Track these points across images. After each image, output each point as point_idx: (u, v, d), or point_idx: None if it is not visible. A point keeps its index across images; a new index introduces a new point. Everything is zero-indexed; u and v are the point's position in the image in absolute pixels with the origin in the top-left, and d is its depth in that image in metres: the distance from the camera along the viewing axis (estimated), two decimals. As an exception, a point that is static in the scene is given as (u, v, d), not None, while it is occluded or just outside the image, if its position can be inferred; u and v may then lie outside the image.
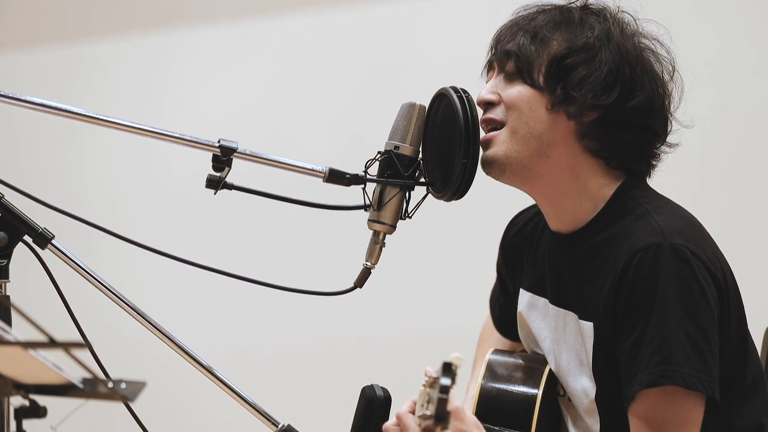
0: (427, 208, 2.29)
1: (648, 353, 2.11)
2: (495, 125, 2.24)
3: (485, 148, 2.24)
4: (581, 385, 2.26)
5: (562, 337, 2.29)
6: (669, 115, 2.28)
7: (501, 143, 2.23)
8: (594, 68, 2.21)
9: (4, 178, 2.17)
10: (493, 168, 2.24)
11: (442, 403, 1.70)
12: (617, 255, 2.17)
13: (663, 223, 2.16)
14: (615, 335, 2.18)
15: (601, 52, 2.22)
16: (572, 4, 2.29)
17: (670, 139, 2.30)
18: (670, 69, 2.28)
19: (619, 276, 2.16)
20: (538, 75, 2.22)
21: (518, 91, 2.23)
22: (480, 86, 2.30)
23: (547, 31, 2.24)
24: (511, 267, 2.49)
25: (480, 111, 2.25)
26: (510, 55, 2.24)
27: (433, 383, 1.79)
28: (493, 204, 3.19)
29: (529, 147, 2.22)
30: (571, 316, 2.27)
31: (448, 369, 1.70)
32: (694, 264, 2.13)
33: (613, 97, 2.20)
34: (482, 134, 2.24)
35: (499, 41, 2.29)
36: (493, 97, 2.25)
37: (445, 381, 1.69)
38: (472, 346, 2.66)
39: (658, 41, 2.29)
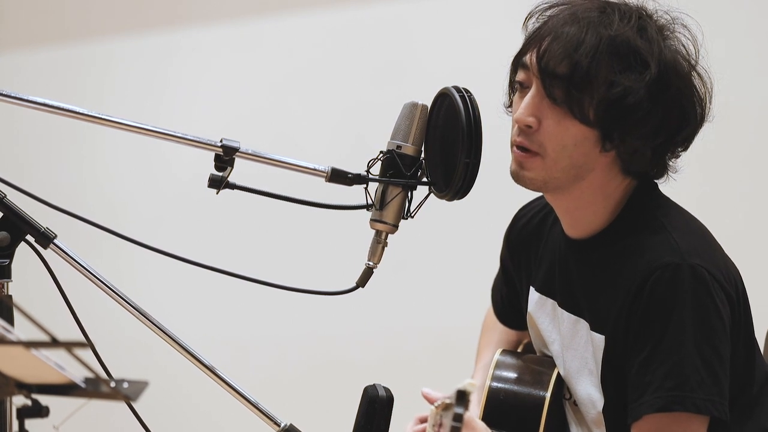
0: (429, 208, 2.29)
1: (659, 375, 2.11)
2: (529, 152, 2.18)
3: (520, 167, 2.19)
4: (588, 394, 2.25)
5: (572, 344, 2.28)
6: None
7: (540, 169, 2.18)
8: (649, 112, 2.13)
9: (5, 178, 2.17)
10: (528, 186, 2.22)
11: (456, 431, 1.70)
12: (633, 270, 2.16)
13: (681, 241, 2.15)
14: (625, 351, 2.17)
15: (656, 94, 2.13)
16: (617, 19, 2.16)
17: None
18: (705, 76, 2.23)
19: (634, 293, 2.15)
20: (588, 110, 2.13)
21: (566, 127, 2.15)
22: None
23: (597, 62, 2.12)
24: (516, 261, 2.48)
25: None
26: (559, 82, 2.13)
27: (445, 407, 1.79)
28: (495, 204, 3.19)
29: (568, 175, 2.18)
30: (583, 325, 2.26)
31: (462, 397, 1.70)
32: (711, 284, 2.12)
33: (663, 137, 2.17)
34: (516, 152, 2.19)
35: (544, 58, 2.15)
36: (533, 121, 2.17)
37: (459, 410, 1.69)
38: (474, 345, 2.65)
39: (687, 28, 2.22)
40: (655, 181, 2.28)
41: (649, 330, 2.13)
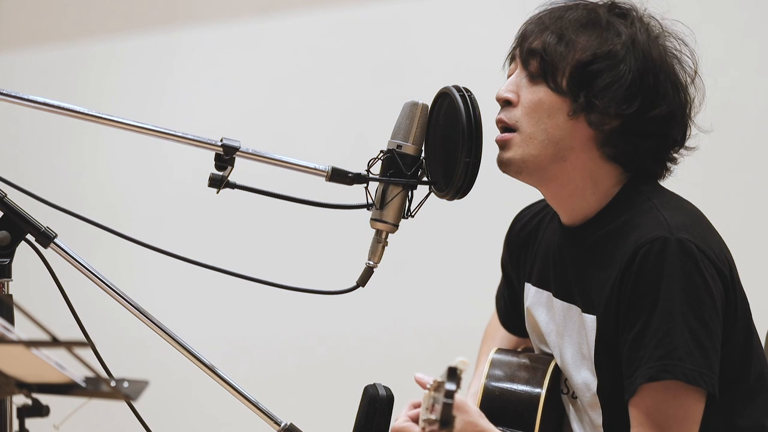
0: (430, 207, 2.29)
1: (650, 347, 2.12)
2: (508, 127, 2.24)
3: (501, 149, 2.25)
4: (583, 378, 2.27)
5: (566, 331, 2.30)
6: (689, 122, 2.28)
7: (517, 147, 2.23)
8: (618, 76, 2.19)
9: (6, 177, 2.18)
10: (509, 169, 2.25)
11: (448, 407, 1.71)
12: (623, 248, 2.18)
13: (669, 218, 2.17)
14: (617, 328, 2.18)
15: (627, 60, 2.20)
16: (600, 3, 2.27)
17: (688, 143, 2.30)
18: (693, 74, 2.27)
19: (623, 269, 2.16)
20: (561, 79, 2.20)
21: (540, 96, 2.22)
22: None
23: (573, 32, 2.21)
24: (515, 262, 2.49)
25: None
26: (535, 54, 2.23)
27: (437, 387, 1.80)
28: (495, 203, 3.19)
29: (546, 152, 2.22)
30: (575, 310, 2.27)
31: (453, 374, 1.70)
32: (700, 259, 2.13)
33: (635, 106, 2.20)
34: (498, 134, 2.25)
35: (524, 37, 2.26)
36: (512, 97, 2.24)
37: (450, 386, 1.70)
38: (475, 345, 2.66)
39: (683, 42, 2.27)
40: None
41: (640, 305, 2.14)
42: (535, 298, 2.40)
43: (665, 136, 2.25)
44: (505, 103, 2.25)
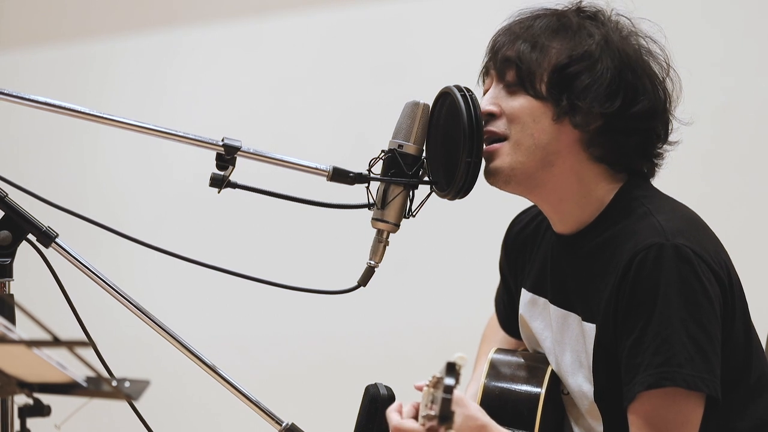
0: (431, 207, 2.29)
1: (649, 354, 2.11)
2: (497, 138, 2.23)
3: (488, 160, 2.23)
4: (579, 385, 2.26)
5: (563, 338, 2.29)
6: (670, 116, 2.28)
7: (505, 155, 2.22)
8: (597, 76, 2.19)
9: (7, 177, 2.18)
10: (497, 179, 2.24)
11: (446, 403, 1.71)
12: (619, 256, 2.17)
13: (665, 223, 2.16)
14: (615, 335, 2.18)
15: (603, 59, 2.20)
16: (567, 8, 2.28)
17: (670, 137, 2.30)
18: (666, 67, 2.28)
19: (620, 276, 2.16)
20: (540, 85, 2.20)
21: (521, 103, 2.21)
22: (479, 92, 2.30)
23: (545, 38, 2.22)
24: (513, 265, 2.49)
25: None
26: (510, 63, 2.22)
27: (436, 383, 1.80)
28: (496, 203, 3.18)
29: (534, 158, 2.22)
30: (574, 318, 2.27)
31: (451, 369, 1.71)
32: (697, 263, 2.13)
33: (617, 104, 2.20)
34: (484, 148, 2.23)
35: (496, 48, 2.27)
36: (494, 109, 2.23)
37: (449, 381, 1.70)
38: (475, 345, 2.66)
39: (651, 39, 2.28)
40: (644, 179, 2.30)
41: (637, 311, 2.14)
42: (530, 304, 2.40)
43: (649, 131, 2.25)
44: (489, 116, 2.23)
